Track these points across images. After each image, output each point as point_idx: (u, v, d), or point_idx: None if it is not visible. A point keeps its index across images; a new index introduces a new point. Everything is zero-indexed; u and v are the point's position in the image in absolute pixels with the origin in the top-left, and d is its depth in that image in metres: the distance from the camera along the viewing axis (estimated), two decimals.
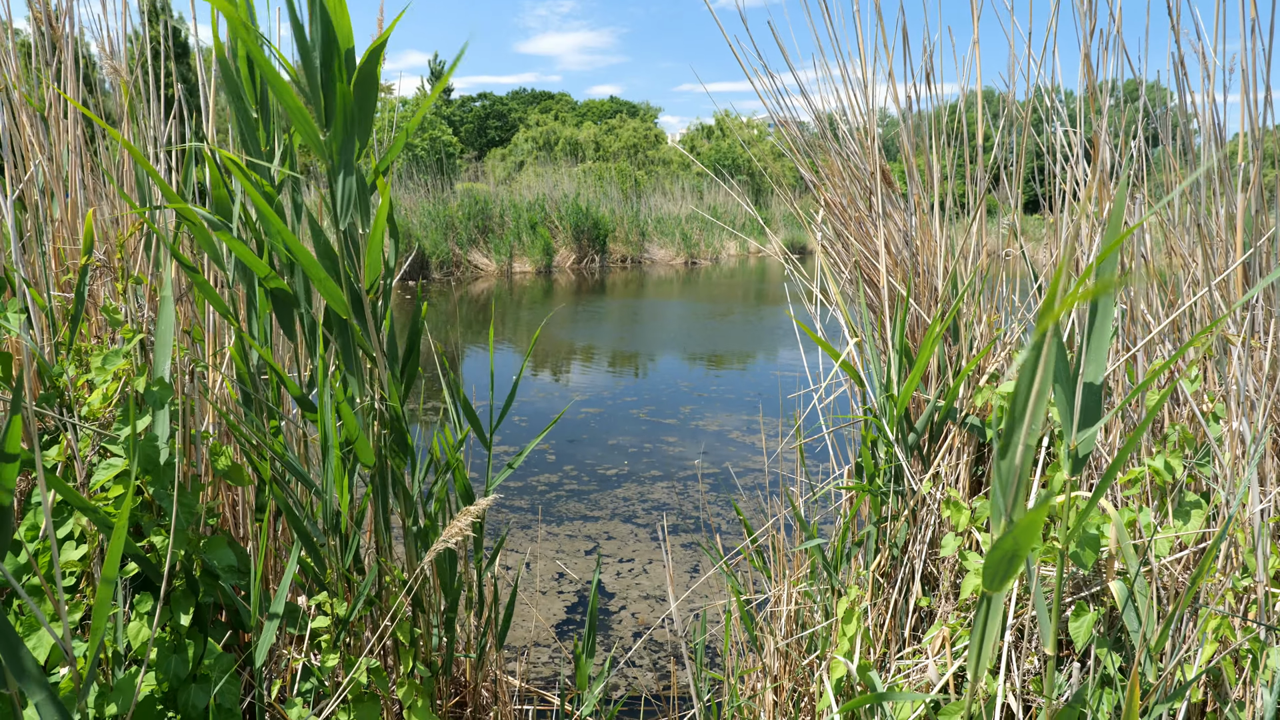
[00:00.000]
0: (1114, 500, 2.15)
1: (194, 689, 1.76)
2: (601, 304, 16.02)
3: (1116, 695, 1.74)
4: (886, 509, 2.31)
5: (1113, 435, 2.22)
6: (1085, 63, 2.28)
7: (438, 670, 2.25)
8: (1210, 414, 1.95)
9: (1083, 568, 1.65)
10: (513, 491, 5.62)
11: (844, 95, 2.54)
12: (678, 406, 7.94)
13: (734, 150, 37.99)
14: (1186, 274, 2.30)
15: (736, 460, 6.26)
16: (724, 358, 10.72)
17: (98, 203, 2.48)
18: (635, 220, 23.93)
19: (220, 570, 1.83)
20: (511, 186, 26.66)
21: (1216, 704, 1.80)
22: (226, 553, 1.85)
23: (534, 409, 7.86)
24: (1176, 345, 2.25)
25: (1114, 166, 2.36)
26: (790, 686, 2.43)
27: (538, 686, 3.20)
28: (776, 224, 25.15)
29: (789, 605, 2.51)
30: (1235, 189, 2.19)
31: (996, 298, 2.54)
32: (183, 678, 1.75)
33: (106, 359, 1.90)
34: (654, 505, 5.40)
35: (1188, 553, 1.91)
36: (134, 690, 1.59)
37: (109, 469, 1.79)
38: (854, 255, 2.66)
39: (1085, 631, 1.72)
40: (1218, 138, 2.24)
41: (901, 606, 2.30)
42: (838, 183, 2.65)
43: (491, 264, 20.66)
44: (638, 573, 4.37)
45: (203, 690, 1.77)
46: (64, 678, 1.69)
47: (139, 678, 1.61)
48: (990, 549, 0.95)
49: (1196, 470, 1.96)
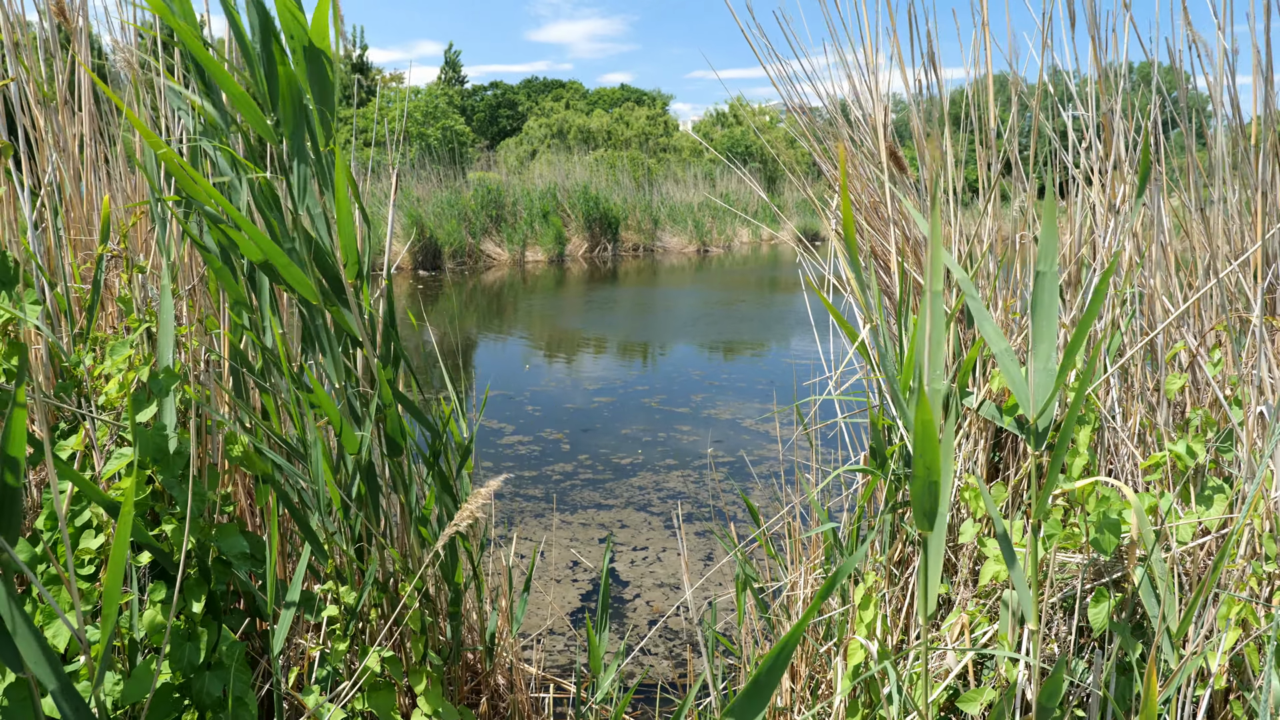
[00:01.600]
0: (1135, 486, 2.13)
1: (208, 677, 1.76)
2: (613, 292, 16.01)
3: (1137, 685, 1.73)
4: (901, 494, 2.30)
5: (1132, 421, 2.19)
6: (1094, 45, 2.25)
7: (447, 657, 2.25)
8: (1233, 399, 1.93)
9: (1103, 554, 1.64)
10: (527, 481, 5.62)
11: (854, 80, 2.51)
12: (689, 395, 7.93)
13: (747, 137, 37.85)
14: (1204, 257, 2.28)
15: (751, 448, 6.25)
16: (736, 345, 10.70)
17: (111, 194, 2.48)
18: (647, 208, 23.88)
19: (232, 558, 1.83)
20: (523, 175, 26.64)
21: (1240, 691, 1.79)
22: (238, 540, 1.85)
23: (547, 397, 7.86)
24: (1195, 330, 2.23)
25: (1129, 147, 2.33)
26: (807, 673, 2.43)
27: (554, 674, 3.20)
28: (789, 210, 25.04)
29: (805, 590, 2.50)
30: (1253, 170, 2.17)
31: (1012, 283, 2.52)
32: (196, 665, 1.75)
33: (114, 349, 1.90)
34: (668, 494, 5.40)
35: (1210, 538, 1.89)
36: (151, 678, 1.59)
37: (120, 458, 1.79)
38: (868, 240, 2.64)
39: (1104, 617, 1.71)
40: (1238, 121, 2.21)
41: (919, 592, 2.29)
42: (849, 168, 2.63)
43: (504, 253, 20.66)
44: (651, 561, 4.37)
45: (217, 679, 1.77)
46: (81, 665, 1.70)
47: (155, 665, 1.62)
48: (910, 482, 0.99)
49: (1219, 455, 1.94)
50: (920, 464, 1.10)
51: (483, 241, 20.63)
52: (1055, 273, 1.41)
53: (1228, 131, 2.25)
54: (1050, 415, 1.39)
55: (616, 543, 4.61)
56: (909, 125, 2.57)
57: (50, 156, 2.37)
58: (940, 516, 1.25)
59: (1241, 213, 2.24)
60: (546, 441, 6.49)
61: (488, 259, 20.57)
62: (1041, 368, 1.38)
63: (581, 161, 27.31)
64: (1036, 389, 1.38)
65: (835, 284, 2.64)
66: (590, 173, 25.53)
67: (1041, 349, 1.39)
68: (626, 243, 23.08)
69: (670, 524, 4.87)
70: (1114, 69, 2.29)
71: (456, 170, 24.04)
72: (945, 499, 1.22)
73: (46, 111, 2.36)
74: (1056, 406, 1.52)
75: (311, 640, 2.12)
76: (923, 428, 1.08)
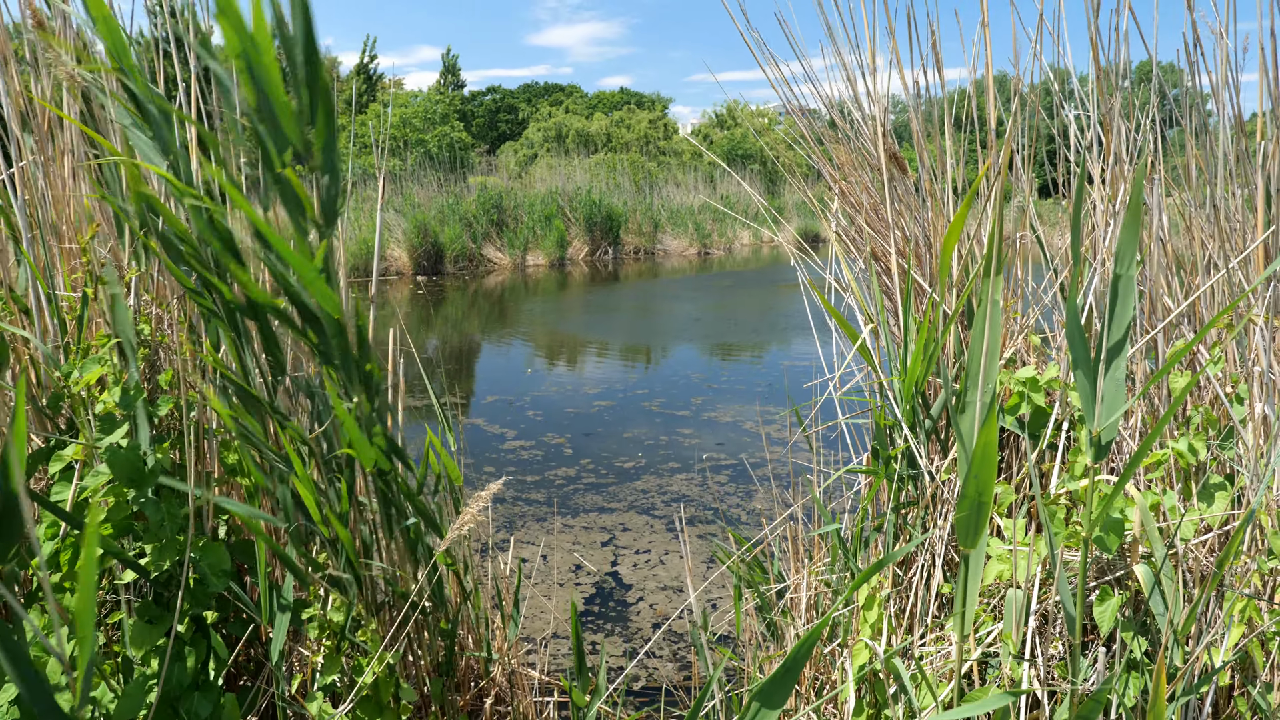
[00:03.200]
0: (1137, 483, 2.13)
1: (197, 697, 1.73)
2: (614, 296, 16.01)
3: (1143, 680, 1.72)
4: (905, 494, 2.29)
5: (1134, 419, 2.19)
6: (1094, 45, 2.25)
7: (445, 672, 2.24)
8: (1234, 396, 1.93)
9: (1107, 552, 1.64)
10: (529, 485, 5.62)
11: (853, 82, 2.52)
12: (689, 398, 7.92)
13: (747, 139, 37.83)
14: (1204, 255, 2.27)
15: (752, 451, 6.25)
16: (736, 348, 10.69)
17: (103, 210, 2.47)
18: (648, 211, 23.90)
19: (212, 577, 1.79)
20: (524, 180, 26.67)
21: (1245, 687, 1.78)
22: (222, 558, 1.80)
23: (548, 401, 7.86)
24: (1196, 328, 2.23)
25: (1130, 147, 2.33)
26: (811, 675, 2.42)
27: (558, 678, 3.20)
28: (789, 212, 25.05)
29: (808, 592, 2.50)
30: (1256, 168, 2.16)
31: (1013, 282, 2.52)
32: (185, 685, 1.72)
33: (83, 367, 1.86)
34: (671, 497, 5.39)
35: (1213, 535, 1.89)
36: (141, 697, 1.58)
37: (98, 476, 1.75)
38: (868, 242, 2.64)
39: (1110, 616, 1.70)
40: (1238, 118, 2.21)
41: (923, 593, 2.28)
42: (849, 170, 2.63)
43: (505, 257, 20.67)
44: (654, 564, 4.36)
45: (206, 699, 1.74)
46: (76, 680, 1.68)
47: (148, 684, 1.61)
48: (958, 499, 0.96)
49: (1220, 453, 1.94)
50: (973, 485, 1.05)
51: (483, 246, 20.65)
52: (1132, 277, 1.33)
53: (1230, 128, 2.25)
54: (1115, 428, 1.33)
55: (619, 546, 4.60)
56: (909, 125, 2.57)
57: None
58: (984, 533, 1.19)
59: (1243, 210, 2.24)
60: (549, 445, 6.49)
61: (488, 263, 20.58)
62: (1112, 378, 1.31)
63: (582, 165, 27.33)
64: (1105, 401, 1.31)
65: (835, 286, 2.64)
66: (591, 176, 25.55)
67: (1115, 360, 1.31)
68: (627, 246, 23.09)
69: (672, 527, 4.87)
70: (1114, 68, 2.29)
71: (457, 175, 24.07)
72: (989, 516, 1.16)
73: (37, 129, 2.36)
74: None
75: (314, 648, 2.12)
76: (983, 450, 1.03)
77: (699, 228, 24.22)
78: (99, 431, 1.78)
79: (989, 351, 1.17)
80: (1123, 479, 1.25)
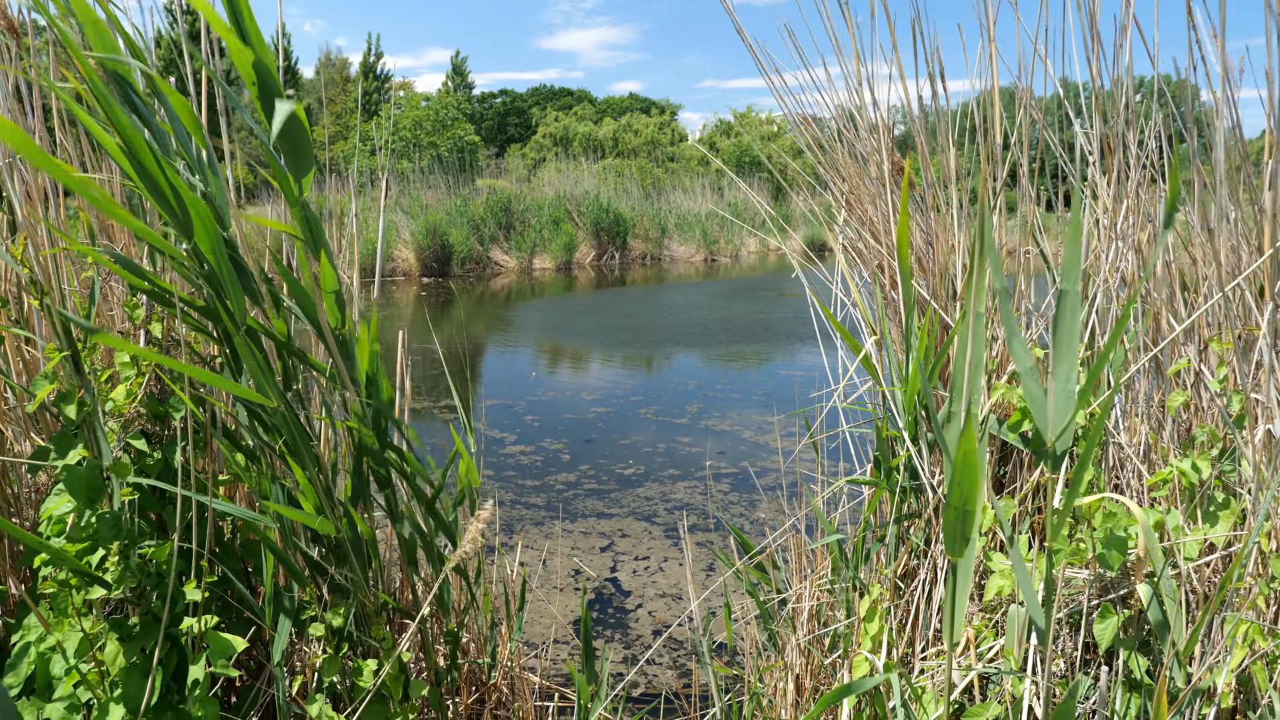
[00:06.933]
0: (1140, 501, 2.13)
1: (169, 716, 1.71)
2: (618, 301, 16.02)
3: (1142, 699, 1.72)
4: (907, 507, 2.29)
5: (1136, 437, 2.19)
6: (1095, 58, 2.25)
7: (446, 678, 2.25)
8: (1238, 415, 1.93)
9: (1109, 569, 1.64)
10: (528, 490, 5.62)
11: (859, 93, 2.52)
12: (687, 405, 7.92)
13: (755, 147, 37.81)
14: (1207, 274, 2.27)
15: (754, 459, 6.24)
16: (740, 356, 10.69)
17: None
18: (655, 217, 23.91)
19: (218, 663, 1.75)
20: (532, 183, 26.71)
21: (1246, 711, 1.78)
22: (227, 646, 1.76)
23: (546, 407, 7.86)
24: (1199, 346, 2.23)
25: (1136, 160, 2.33)
26: (812, 685, 2.42)
27: (557, 683, 3.20)
28: (796, 221, 25.04)
29: (810, 601, 2.50)
30: (1262, 187, 2.16)
31: (1016, 295, 2.52)
32: (151, 707, 1.69)
33: (33, 383, 1.83)
34: (671, 505, 5.39)
35: (1216, 556, 1.89)
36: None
37: (59, 494, 1.73)
38: (873, 254, 2.64)
39: (1110, 634, 1.70)
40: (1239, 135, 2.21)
41: (924, 606, 2.28)
42: (855, 181, 2.63)
43: (512, 261, 20.71)
44: (654, 570, 4.36)
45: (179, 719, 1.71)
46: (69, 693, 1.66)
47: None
48: (945, 509, 0.97)
49: (1223, 473, 1.93)
50: (958, 493, 1.07)
51: (490, 249, 20.69)
52: (1078, 292, 1.35)
53: (1232, 145, 2.25)
54: (1069, 438, 1.35)
55: (618, 552, 4.60)
56: (915, 137, 2.58)
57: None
58: (971, 543, 1.21)
59: (1244, 225, 2.23)
60: (548, 452, 6.50)
61: (495, 266, 20.61)
62: (1062, 389, 1.33)
63: (590, 170, 27.36)
64: (1056, 411, 1.33)
65: (842, 298, 2.64)
66: (599, 181, 25.57)
67: (1062, 370, 1.33)
68: (634, 251, 23.11)
69: (670, 534, 4.87)
70: (1118, 86, 2.29)
71: (465, 178, 24.12)
72: (976, 525, 1.19)
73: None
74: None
75: (316, 650, 2.12)
76: (964, 458, 1.06)
77: (706, 234, 24.23)
78: (55, 451, 1.74)
79: (972, 361, 1.19)
80: (1079, 469, 1.27)
